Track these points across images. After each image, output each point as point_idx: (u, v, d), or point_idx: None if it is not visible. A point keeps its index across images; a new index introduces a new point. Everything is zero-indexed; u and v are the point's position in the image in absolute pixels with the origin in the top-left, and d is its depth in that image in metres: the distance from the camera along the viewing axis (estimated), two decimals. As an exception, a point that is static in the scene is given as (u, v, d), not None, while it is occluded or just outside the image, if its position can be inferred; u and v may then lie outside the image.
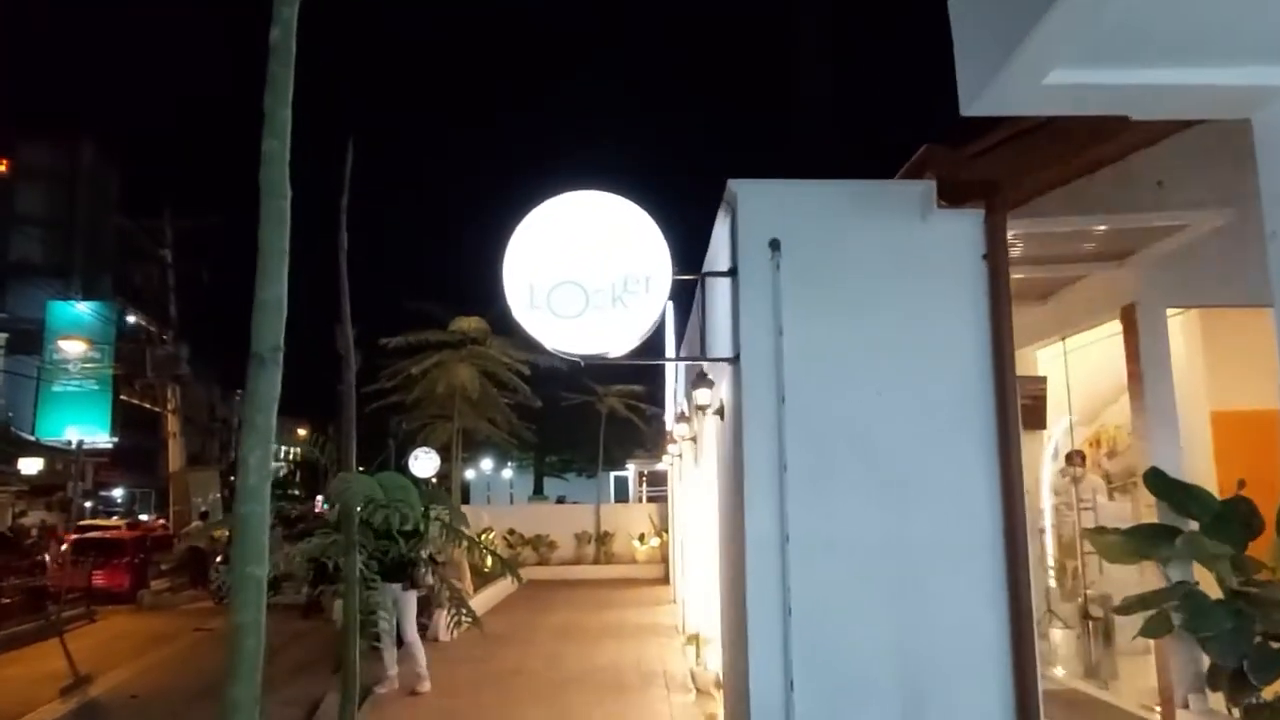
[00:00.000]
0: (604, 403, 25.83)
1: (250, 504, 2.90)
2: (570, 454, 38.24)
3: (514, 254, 5.16)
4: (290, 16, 3.20)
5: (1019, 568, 4.81)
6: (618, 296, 5.11)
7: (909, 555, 4.87)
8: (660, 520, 22.44)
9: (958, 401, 5.00)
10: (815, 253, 5.14)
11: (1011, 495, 4.84)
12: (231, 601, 2.85)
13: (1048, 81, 3.13)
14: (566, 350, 5.22)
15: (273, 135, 3.13)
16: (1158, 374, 6.46)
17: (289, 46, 3.21)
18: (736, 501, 5.16)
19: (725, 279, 5.52)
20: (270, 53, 3.17)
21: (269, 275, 3.07)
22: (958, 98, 3.47)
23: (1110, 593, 7.81)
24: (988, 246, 5.11)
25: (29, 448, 35.56)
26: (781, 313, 5.04)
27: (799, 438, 4.94)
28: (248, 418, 2.95)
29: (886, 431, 4.98)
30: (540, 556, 22.77)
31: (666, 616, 15.04)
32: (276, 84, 3.16)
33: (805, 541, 4.83)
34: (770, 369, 5.01)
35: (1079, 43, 2.88)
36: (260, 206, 3.11)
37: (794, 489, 4.87)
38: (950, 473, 4.94)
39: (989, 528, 4.87)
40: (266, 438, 2.97)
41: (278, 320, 3.06)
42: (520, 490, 42.49)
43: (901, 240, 5.16)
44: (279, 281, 3.08)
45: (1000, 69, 3.06)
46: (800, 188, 5.28)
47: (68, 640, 13.75)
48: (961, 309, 5.08)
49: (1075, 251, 6.75)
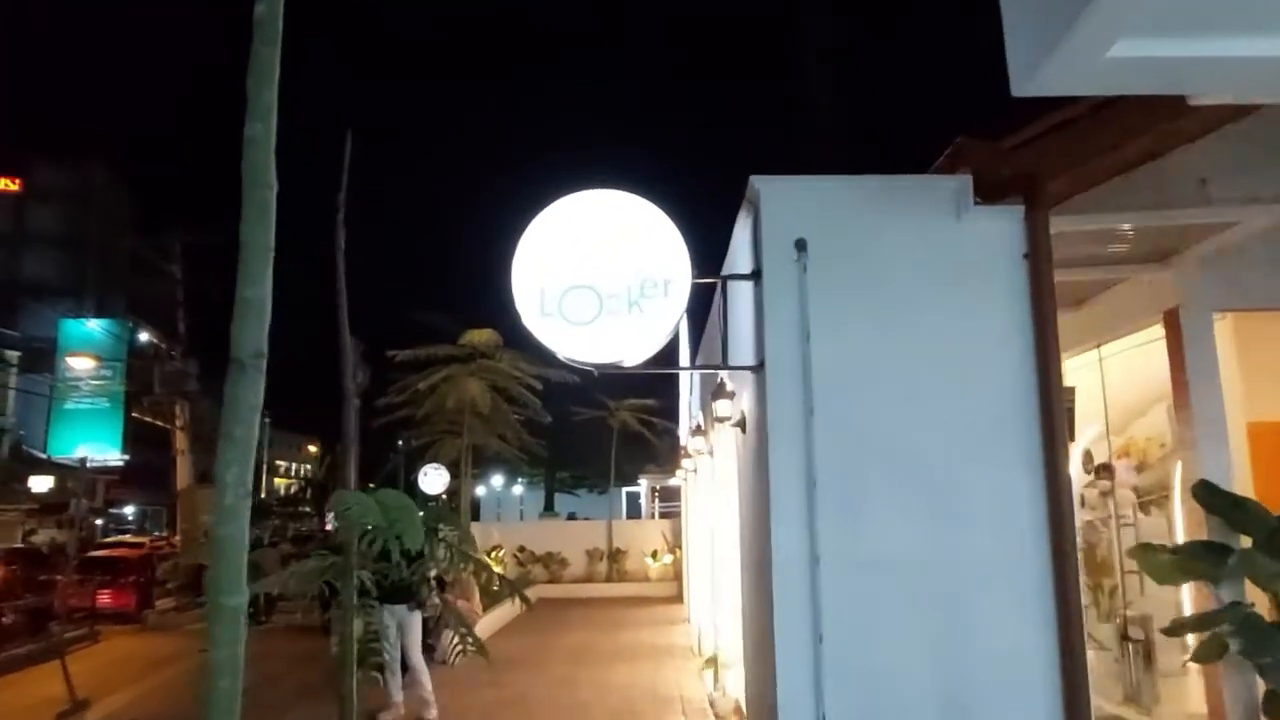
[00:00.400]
0: (616, 417, 25.51)
1: (227, 525, 2.59)
2: (581, 470, 37.92)
3: (523, 257, 4.86)
4: (277, -8, 2.93)
5: (1069, 587, 4.46)
6: (634, 301, 4.80)
7: (948, 575, 4.52)
8: (673, 537, 22.06)
9: (998, 410, 4.66)
10: (844, 253, 4.82)
11: (1059, 509, 4.50)
12: (207, 635, 2.54)
13: (1112, 54, 2.80)
14: (579, 359, 4.91)
15: (256, 119, 2.84)
16: (1204, 381, 6.10)
17: (275, 23, 2.93)
18: (761, 519, 4.83)
19: (747, 282, 5.21)
20: (254, 28, 2.89)
21: (252, 273, 2.78)
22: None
23: (1151, 613, 7.42)
24: (1029, 245, 4.79)
25: (40, 466, 35.55)
26: (808, 317, 4.72)
27: (828, 451, 4.61)
28: (225, 429, 2.65)
29: (922, 443, 4.64)
30: (551, 574, 22.39)
31: (681, 637, 14.64)
32: (260, 64, 2.88)
33: (837, 562, 4.49)
34: (797, 378, 4.68)
35: (1149, 7, 2.56)
36: (242, 198, 2.82)
37: (824, 506, 4.53)
38: (992, 486, 4.60)
39: (1035, 544, 4.52)
40: (246, 451, 2.66)
41: (260, 322, 2.76)
42: (531, 507, 42.16)
43: (936, 239, 4.84)
44: (262, 280, 2.79)
45: (1060, 42, 2.74)
46: (827, 184, 4.97)
47: (69, 662, 13.40)
48: (1001, 312, 4.75)
49: (1113, 253, 6.41)
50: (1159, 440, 8.52)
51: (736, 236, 5.64)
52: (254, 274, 2.77)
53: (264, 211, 2.81)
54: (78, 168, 46.52)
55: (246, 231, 2.79)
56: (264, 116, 2.86)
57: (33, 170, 46.17)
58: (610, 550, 22.87)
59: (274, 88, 2.90)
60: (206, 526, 26.64)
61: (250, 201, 2.80)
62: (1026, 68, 3.19)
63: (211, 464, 13.70)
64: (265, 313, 2.78)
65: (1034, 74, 3.13)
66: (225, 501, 2.61)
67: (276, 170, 2.94)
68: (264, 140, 2.85)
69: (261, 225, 2.81)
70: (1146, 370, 7.79)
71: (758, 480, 5.03)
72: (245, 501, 2.65)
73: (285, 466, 69.15)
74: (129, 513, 44.35)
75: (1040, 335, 4.68)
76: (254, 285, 2.77)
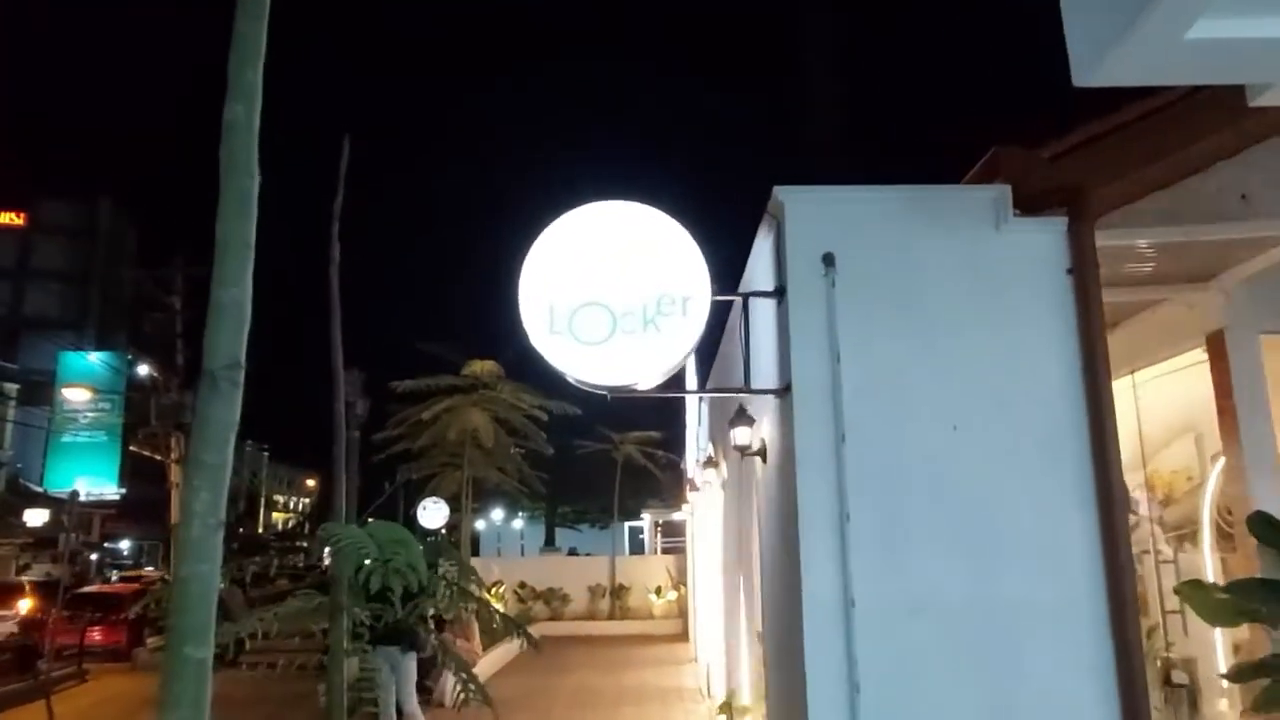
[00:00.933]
0: (620, 450, 25.06)
1: (194, 562, 2.22)
2: (583, 504, 37.35)
3: (532, 272, 4.53)
4: (264, -36, 2.62)
5: (1128, 631, 4.06)
6: (650, 319, 4.47)
7: (997, 619, 4.13)
8: (678, 573, 21.51)
9: (1045, 438, 4.30)
10: (875, 268, 4.49)
11: (1115, 545, 4.12)
12: (161, 693, 2.16)
13: (1190, 37, 2.48)
14: (590, 381, 4.57)
15: (237, 100, 2.52)
16: (1253, 407, 5.74)
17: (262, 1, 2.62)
18: (789, 558, 4.44)
19: (768, 301, 4.87)
20: (237, 4, 2.58)
21: (228, 272, 2.44)
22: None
23: (1195, 655, 6.99)
24: (1073, 260, 4.46)
25: (36, 499, 35.10)
26: (837, 337, 4.38)
27: (861, 483, 4.24)
28: (193, 453, 2.29)
29: (965, 474, 4.27)
30: (553, 611, 21.82)
31: (689, 677, 14.10)
32: (243, 40, 2.57)
33: (874, 605, 4.09)
34: (826, 402, 4.33)
35: None
36: (220, 188, 2.49)
37: (858, 543, 4.15)
38: (1041, 520, 4.22)
39: (1089, 584, 4.14)
40: (217, 478, 2.30)
41: (238, 328, 2.42)
42: (531, 541, 41.50)
43: (973, 253, 4.51)
44: (241, 280, 2.45)
45: (1135, 23, 2.41)
46: (855, 195, 4.66)
47: (55, 702, 12.92)
48: (1046, 331, 4.41)
49: (1150, 272, 6.09)
50: (1185, 473, 8.14)
51: (756, 251, 5.32)
52: (231, 273, 2.44)
53: (244, 203, 2.48)
54: (82, 201, 46.65)
55: (224, 226, 2.45)
56: (246, 98, 2.54)
57: (38, 204, 46.29)
58: (613, 586, 22.31)
59: (258, 67, 2.59)
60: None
61: (229, 192, 2.47)
62: (1091, 55, 2.83)
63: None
64: (244, 317, 2.44)
65: (1100, 62, 2.77)
66: (192, 534, 2.25)
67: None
68: (246, 124, 2.52)
69: (241, 219, 2.47)
70: (1171, 399, 7.45)
71: (784, 515, 4.65)
72: (216, 535, 2.29)
73: (283, 500, 68.44)
74: (125, 548, 43.72)
75: (1088, 356, 4.33)
76: (231, 285, 2.43)
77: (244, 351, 2.42)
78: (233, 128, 2.52)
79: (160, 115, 65.98)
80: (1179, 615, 7.04)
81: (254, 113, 2.55)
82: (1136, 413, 7.77)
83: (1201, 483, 7.55)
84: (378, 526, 4.12)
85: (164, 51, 66.39)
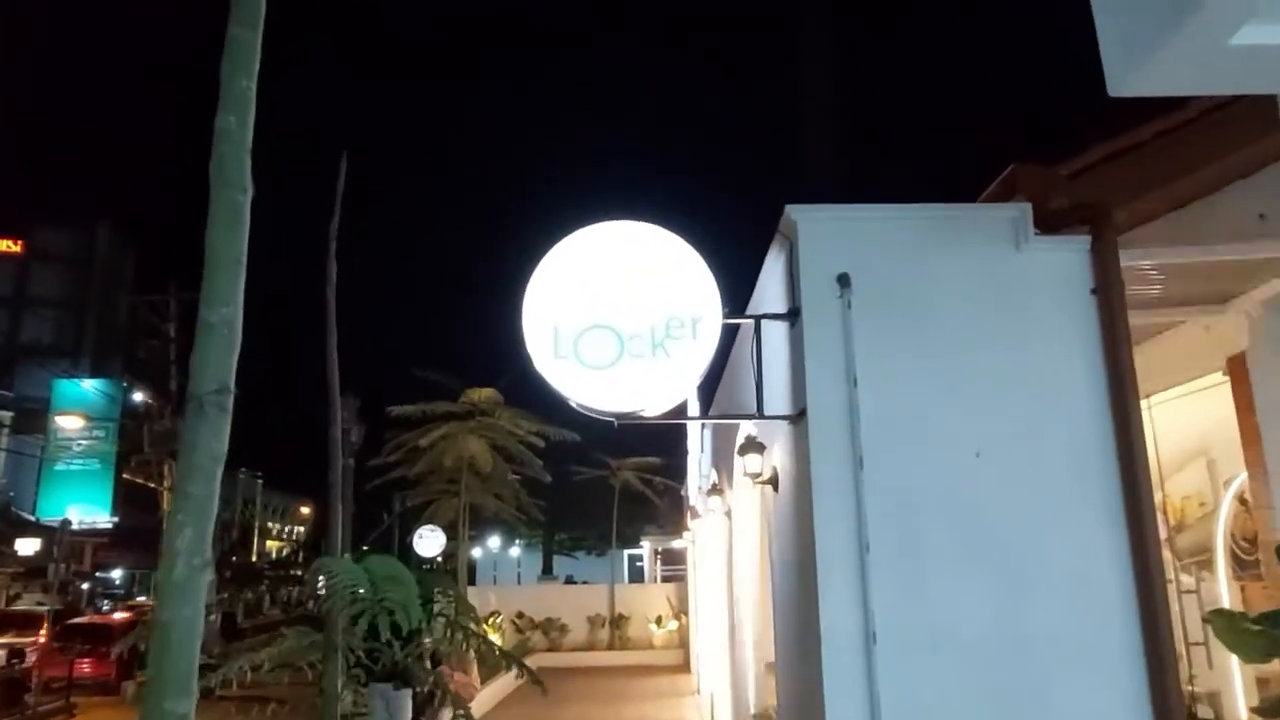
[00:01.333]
0: (618, 477, 24.77)
1: (177, 606, 2.03)
2: (580, 531, 36.95)
3: (536, 294, 4.37)
4: (261, -33, 2.49)
5: (1165, 666, 3.87)
6: (659, 343, 4.30)
7: (1025, 653, 3.94)
8: (679, 602, 21.17)
9: (1072, 463, 4.13)
10: (892, 289, 4.34)
11: (1148, 575, 3.93)
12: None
13: (1235, 42, 2.34)
14: (596, 407, 4.39)
15: (229, 110, 2.38)
16: (1278, 432, 5.57)
17: (256, 3, 2.48)
18: (805, 590, 4.25)
19: (780, 324, 4.72)
20: (232, 7, 2.44)
21: (217, 291, 2.27)
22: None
23: (1220, 689, 6.77)
24: (1097, 279, 4.32)
25: (27, 528, 34.68)
26: (854, 360, 4.21)
27: (882, 511, 4.05)
28: (178, 485, 2.12)
29: (988, 501, 4.09)
30: (551, 642, 21.43)
31: (691, 710, 13.79)
32: (237, 48, 2.43)
33: (896, 639, 3.90)
34: (843, 428, 4.15)
35: None
36: (210, 201, 2.33)
37: (879, 574, 3.96)
38: (1069, 550, 4.04)
39: (1121, 617, 3.95)
40: (204, 512, 2.12)
41: (226, 351, 2.25)
42: (528, 569, 41.03)
43: (993, 273, 4.37)
44: (231, 299, 2.28)
45: (1179, 27, 2.27)
46: (871, 213, 4.52)
47: (40, 738, 12.60)
48: (1069, 353, 4.26)
49: (1166, 294, 5.95)
50: (1198, 498, 7.97)
51: (767, 271, 5.17)
52: (220, 292, 2.27)
53: (235, 217, 2.32)
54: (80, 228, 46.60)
55: (213, 241, 2.29)
56: (239, 108, 2.39)
57: (35, 231, 46.23)
58: (613, 616, 21.95)
59: (253, 76, 2.44)
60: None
61: (219, 205, 2.31)
62: (1128, 63, 2.68)
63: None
64: (234, 338, 2.27)
65: (1138, 69, 2.63)
66: (174, 575, 2.06)
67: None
68: (238, 135, 2.37)
69: (232, 233, 2.31)
70: (1183, 423, 7.29)
71: (799, 545, 4.46)
72: (201, 576, 2.10)
73: (277, 528, 67.73)
74: (117, 577, 43.17)
75: (1115, 378, 4.18)
76: (220, 304, 2.26)
77: (234, 375, 2.25)
78: (224, 137, 2.37)
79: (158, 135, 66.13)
80: (1203, 647, 6.83)
81: (247, 123, 2.41)
82: (1153, 437, 7.61)
83: (1215, 509, 7.38)
84: (373, 561, 3.91)
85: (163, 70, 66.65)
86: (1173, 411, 7.23)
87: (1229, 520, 7.18)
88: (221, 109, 2.38)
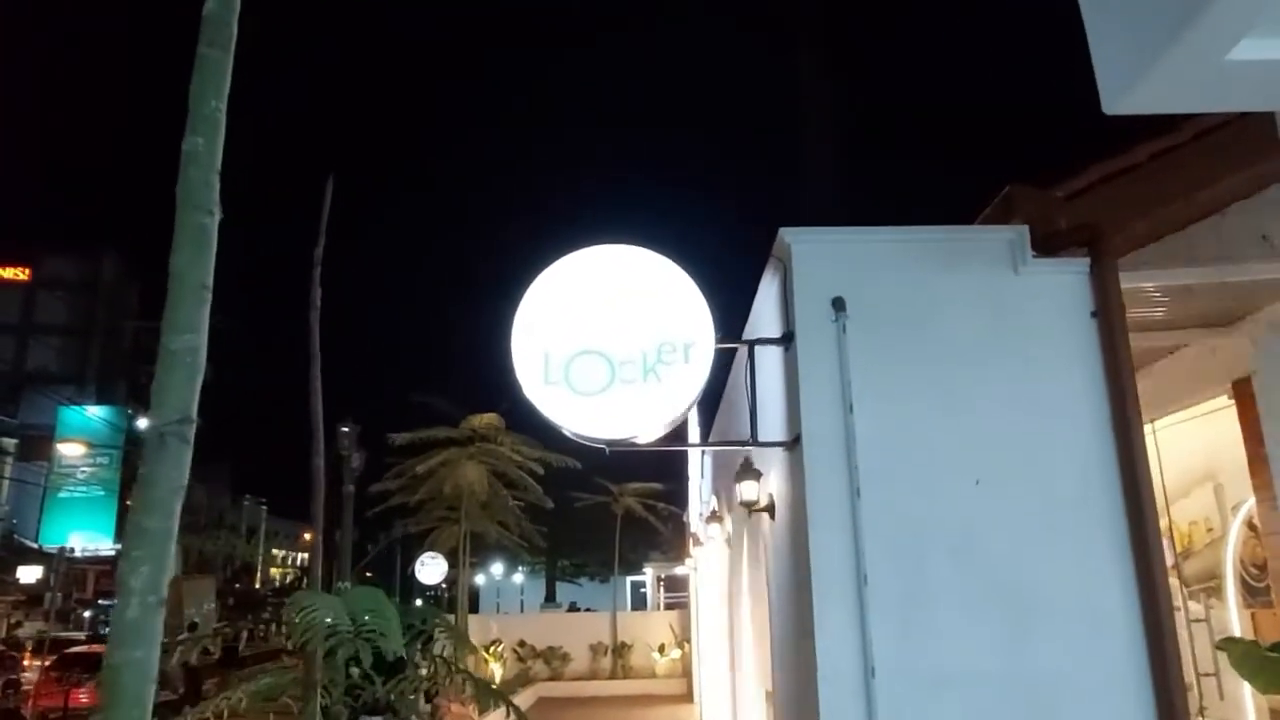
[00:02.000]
0: (620, 503, 24.58)
1: (128, 649, 1.93)
2: (583, 557, 36.66)
3: (525, 319, 4.30)
4: (233, -13, 2.44)
5: (1174, 699, 3.72)
6: (650, 368, 4.22)
7: (1029, 685, 3.81)
8: (682, 630, 20.90)
9: (1076, 491, 4.02)
10: (888, 313, 4.26)
11: (1155, 604, 3.80)
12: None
13: (1233, 57, 2.27)
14: (588, 434, 4.30)
15: (197, 131, 2.32)
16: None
17: (228, 23, 2.43)
18: (801, 622, 4.13)
19: (776, 347, 4.63)
20: (202, 26, 2.39)
21: (180, 317, 2.20)
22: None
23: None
24: (1097, 302, 4.24)
25: (30, 555, 34.56)
26: (849, 386, 4.12)
27: (880, 541, 3.94)
28: (134, 519, 2.03)
29: (989, 531, 3.98)
30: (553, 671, 21.13)
31: (693, 742, 13.53)
32: (206, 67, 2.37)
33: (896, 676, 3.77)
34: (839, 455, 4.05)
35: None
36: (175, 224, 2.26)
37: (878, 608, 3.84)
38: (1074, 579, 3.91)
39: (1128, 646, 3.82)
40: (161, 548, 2.03)
41: (189, 380, 2.17)
42: (531, 596, 40.68)
43: (991, 296, 4.28)
44: (194, 326, 2.21)
45: (1173, 43, 2.20)
46: (865, 236, 4.45)
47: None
48: (1071, 377, 4.17)
49: (1169, 317, 5.85)
50: (1205, 524, 7.82)
51: (761, 296, 5.09)
52: (184, 318, 2.20)
53: (201, 242, 2.25)
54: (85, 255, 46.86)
55: (178, 265, 2.22)
56: (207, 129, 2.33)
57: (41, 259, 46.51)
58: (615, 644, 21.67)
59: (223, 97, 2.38)
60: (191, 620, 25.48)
61: (184, 228, 2.25)
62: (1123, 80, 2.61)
63: (201, 553, 12.71)
64: (198, 366, 2.19)
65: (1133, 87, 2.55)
66: (128, 614, 1.96)
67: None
68: (206, 157, 2.31)
69: (197, 259, 2.24)
70: (1189, 447, 7.17)
71: (796, 575, 4.34)
72: (156, 615, 2.00)
73: (281, 555, 67.44)
74: (119, 604, 42.91)
75: (1118, 403, 4.08)
76: (184, 332, 2.19)
77: (196, 405, 2.17)
78: (192, 159, 2.30)
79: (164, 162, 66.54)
80: (1213, 678, 6.66)
81: (216, 145, 2.35)
82: (1158, 462, 7.49)
83: (1223, 534, 7.23)
84: (354, 593, 3.80)
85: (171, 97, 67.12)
86: (1178, 435, 7.12)
87: (1238, 546, 7.03)
88: (189, 130, 2.33)
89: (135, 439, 35.71)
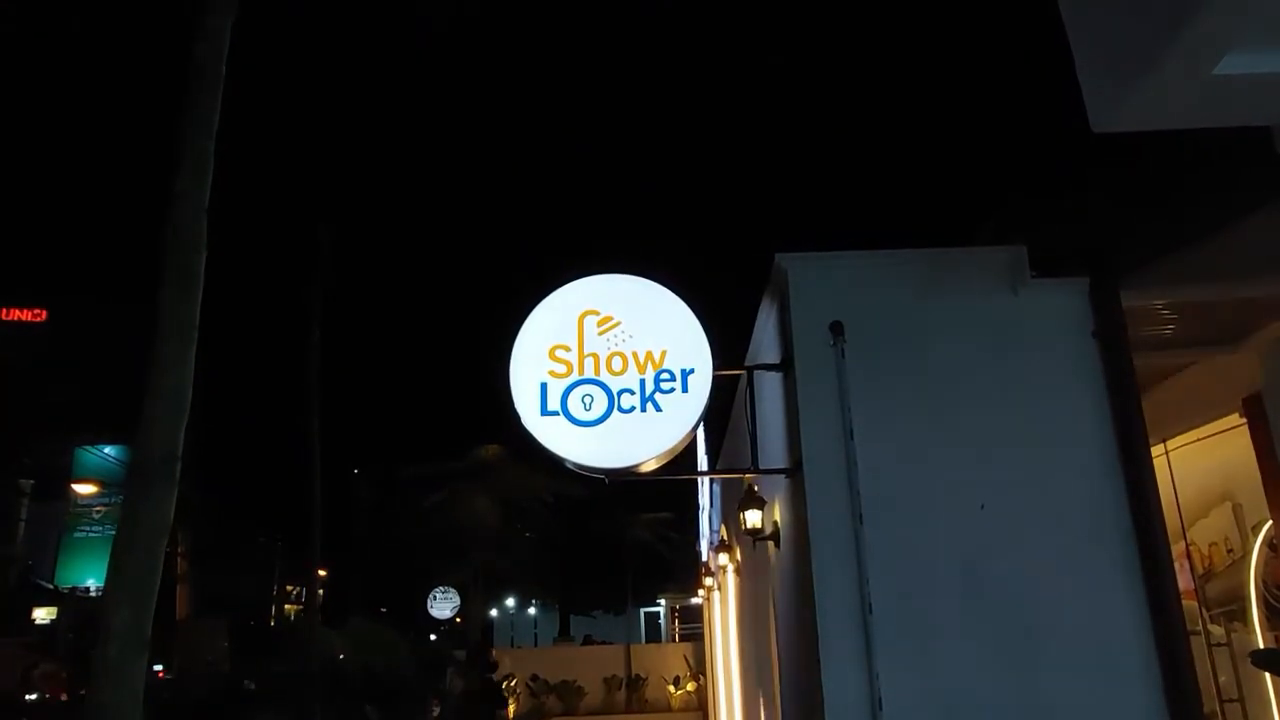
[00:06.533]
0: (632, 533, 24.42)
1: (108, 691, 1.91)
2: (597, 590, 36.39)
3: (523, 349, 4.29)
4: (221, 29, 2.47)
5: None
6: (649, 397, 4.20)
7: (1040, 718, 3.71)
8: (696, 662, 20.64)
9: (1083, 515, 3.96)
10: (888, 337, 4.23)
11: (1171, 636, 3.72)
12: None
13: (1219, 71, 2.26)
14: (587, 465, 4.27)
15: (186, 171, 2.33)
16: (1302, 475, 5.35)
17: (217, 68, 2.46)
18: (807, 653, 4.05)
19: (776, 373, 4.60)
20: (192, 72, 2.42)
21: (168, 355, 2.21)
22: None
23: (1258, 750, 6.41)
24: (1098, 322, 4.20)
25: (45, 596, 34.55)
26: (850, 411, 4.08)
27: (884, 569, 3.88)
28: (114, 559, 2.02)
29: (996, 556, 3.91)
30: (567, 705, 20.87)
31: (710, 776, 13.29)
32: (197, 110, 2.40)
33: (902, 708, 3.69)
34: (840, 481, 4.01)
35: (1267, 9, 2.05)
36: (162, 264, 2.27)
37: (884, 638, 3.77)
38: (1084, 607, 3.84)
39: (1145, 680, 3.72)
40: (144, 591, 2.02)
41: (175, 418, 2.17)
42: (545, 629, 40.33)
43: (991, 318, 4.25)
44: (181, 364, 2.22)
45: (1157, 59, 2.21)
46: (863, 259, 4.44)
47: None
48: (1074, 399, 4.12)
49: (1175, 334, 5.79)
50: (1225, 545, 7.67)
51: (761, 322, 5.07)
52: (171, 356, 2.21)
53: (188, 280, 2.27)
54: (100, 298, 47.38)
55: (164, 302, 2.24)
56: (196, 170, 2.36)
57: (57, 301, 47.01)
58: (629, 677, 21.40)
59: (211, 139, 2.41)
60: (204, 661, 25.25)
61: (172, 268, 2.26)
62: (1109, 98, 2.62)
63: (213, 588, 12.63)
64: (183, 405, 2.20)
65: (1121, 104, 2.56)
66: (109, 657, 1.94)
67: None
68: (195, 196, 2.34)
69: (184, 297, 2.26)
70: (1206, 467, 7.06)
71: (799, 605, 4.28)
72: (139, 659, 1.98)
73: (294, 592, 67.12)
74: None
75: (1123, 423, 4.02)
76: (170, 371, 2.20)
77: (181, 442, 2.17)
78: (181, 199, 2.33)
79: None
80: (1238, 704, 6.50)
81: (204, 186, 2.37)
82: (1172, 483, 7.37)
83: (1244, 555, 7.10)
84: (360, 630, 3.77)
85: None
86: (1194, 455, 7.01)
87: (1259, 568, 6.90)
88: (178, 170, 2.35)
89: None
